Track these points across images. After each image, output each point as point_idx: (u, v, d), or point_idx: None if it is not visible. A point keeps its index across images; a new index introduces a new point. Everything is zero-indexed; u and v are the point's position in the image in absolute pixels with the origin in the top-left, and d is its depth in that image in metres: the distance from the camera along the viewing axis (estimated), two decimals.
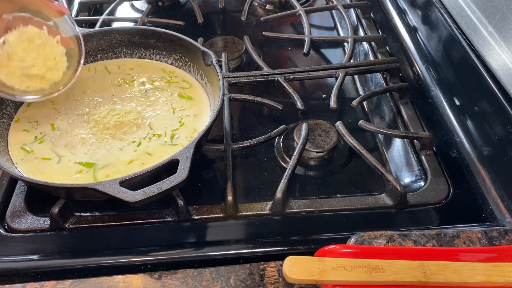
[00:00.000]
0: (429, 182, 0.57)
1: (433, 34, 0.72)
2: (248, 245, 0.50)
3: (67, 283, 0.45)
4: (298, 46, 0.82)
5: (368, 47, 0.80)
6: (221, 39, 0.82)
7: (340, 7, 0.86)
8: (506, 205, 0.52)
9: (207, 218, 0.54)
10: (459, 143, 0.60)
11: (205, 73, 0.65)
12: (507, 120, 0.53)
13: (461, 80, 0.64)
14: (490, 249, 0.45)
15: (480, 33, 0.60)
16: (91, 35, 0.68)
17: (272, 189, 0.55)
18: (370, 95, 0.67)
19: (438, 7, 0.71)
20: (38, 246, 0.51)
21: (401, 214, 0.54)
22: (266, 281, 0.45)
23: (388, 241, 0.46)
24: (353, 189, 0.59)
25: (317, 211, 0.54)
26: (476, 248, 0.46)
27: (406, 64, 0.76)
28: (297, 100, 0.66)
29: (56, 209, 0.51)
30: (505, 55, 0.54)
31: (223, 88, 0.58)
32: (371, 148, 0.65)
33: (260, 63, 0.73)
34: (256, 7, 0.96)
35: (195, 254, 0.50)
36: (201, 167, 0.61)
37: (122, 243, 0.51)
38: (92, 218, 0.54)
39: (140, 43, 0.70)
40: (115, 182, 0.46)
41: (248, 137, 0.62)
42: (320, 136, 0.62)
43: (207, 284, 0.45)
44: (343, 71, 0.70)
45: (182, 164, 0.48)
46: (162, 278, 0.45)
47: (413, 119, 0.66)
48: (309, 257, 0.41)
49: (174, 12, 0.94)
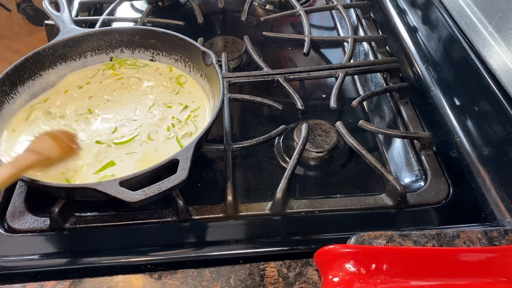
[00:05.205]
0: (429, 182, 0.57)
1: (433, 34, 0.72)
2: (248, 245, 0.50)
3: (67, 283, 0.45)
4: (298, 46, 0.82)
5: (368, 47, 0.80)
6: (221, 39, 0.82)
7: (340, 7, 0.86)
8: (506, 205, 0.52)
9: (207, 218, 0.54)
10: (459, 143, 0.60)
11: (205, 73, 0.65)
12: (507, 120, 0.53)
13: (461, 80, 0.64)
14: (490, 249, 0.45)
15: (480, 33, 0.60)
16: (91, 35, 0.68)
17: (272, 189, 0.55)
18: (370, 95, 0.67)
19: (438, 7, 0.71)
20: (38, 246, 0.51)
21: (401, 214, 0.54)
22: (266, 281, 0.45)
23: (388, 241, 0.46)
24: (353, 189, 0.59)
25: (317, 211, 0.54)
26: (476, 248, 0.46)
27: (406, 64, 0.76)
28: (297, 100, 0.66)
29: (56, 209, 0.51)
30: (505, 55, 0.54)
31: (223, 88, 0.58)
32: (371, 148, 0.65)
33: (260, 63, 0.73)
34: (256, 7, 0.96)
35: (195, 254, 0.50)
36: (201, 167, 0.61)
37: (122, 243, 0.51)
38: (92, 218, 0.54)
39: (140, 43, 0.70)
40: (115, 182, 0.46)
41: (248, 137, 0.62)
42: (320, 136, 0.62)
43: (207, 284, 0.45)
44: (343, 71, 0.70)
45: (182, 164, 0.48)
46: (162, 278, 0.45)
47: (413, 119, 0.66)
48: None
49: (174, 12, 0.94)
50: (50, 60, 0.66)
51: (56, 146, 0.56)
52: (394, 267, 0.41)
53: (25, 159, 0.51)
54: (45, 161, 0.54)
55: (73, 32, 0.68)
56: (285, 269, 0.46)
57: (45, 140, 0.56)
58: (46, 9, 0.75)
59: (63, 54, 0.67)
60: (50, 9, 0.74)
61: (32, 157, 0.52)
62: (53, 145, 0.55)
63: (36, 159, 0.52)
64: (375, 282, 0.41)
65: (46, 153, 0.54)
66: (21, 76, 0.63)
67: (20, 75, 0.63)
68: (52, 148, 0.55)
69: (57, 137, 0.57)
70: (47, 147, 0.55)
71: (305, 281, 0.45)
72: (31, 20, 2.22)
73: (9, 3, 2.30)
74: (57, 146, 0.56)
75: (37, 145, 0.55)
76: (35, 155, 0.53)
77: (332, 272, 0.42)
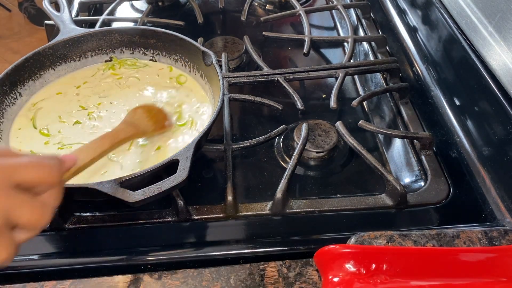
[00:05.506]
0: (429, 182, 0.57)
1: (433, 34, 0.72)
2: (248, 245, 0.50)
3: (67, 283, 0.45)
4: (298, 46, 0.82)
5: (368, 47, 0.80)
6: (221, 39, 0.82)
7: (340, 7, 0.86)
8: (506, 205, 0.52)
9: (207, 218, 0.54)
10: (459, 143, 0.60)
11: (205, 73, 0.65)
12: (507, 120, 0.53)
13: (461, 80, 0.64)
14: (490, 249, 0.45)
15: (480, 33, 0.60)
16: (91, 35, 0.68)
17: (272, 189, 0.55)
18: (370, 95, 0.67)
19: (438, 7, 0.70)
20: (38, 246, 0.51)
21: (401, 214, 0.54)
22: (266, 281, 0.45)
23: (388, 241, 0.46)
24: (353, 189, 0.59)
25: (317, 211, 0.54)
26: (476, 248, 0.46)
27: (406, 64, 0.76)
28: (297, 100, 0.66)
29: (56, 209, 0.51)
30: (505, 55, 0.54)
31: (223, 88, 0.58)
32: (371, 148, 0.65)
33: (260, 63, 0.73)
34: (256, 7, 0.96)
35: (195, 254, 0.50)
36: (201, 167, 0.61)
37: (122, 243, 0.51)
38: (92, 218, 0.54)
39: (140, 43, 0.70)
40: (115, 182, 0.46)
41: (248, 137, 0.62)
42: (320, 136, 0.62)
43: (207, 284, 0.45)
44: (343, 71, 0.70)
45: (182, 164, 0.48)
46: (162, 278, 0.45)
47: (413, 119, 0.66)
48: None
49: (174, 12, 0.94)
50: (50, 60, 0.66)
51: (151, 121, 0.55)
52: (394, 267, 0.41)
53: (122, 131, 0.51)
54: (140, 134, 0.54)
55: (73, 32, 0.68)
56: (285, 269, 0.46)
57: (142, 114, 0.55)
58: (46, 9, 0.75)
59: (63, 54, 0.67)
60: (50, 9, 0.74)
61: (129, 130, 0.52)
62: (149, 120, 0.55)
63: (132, 132, 0.52)
64: (375, 282, 0.41)
65: (142, 128, 0.54)
66: (21, 76, 0.63)
67: (20, 75, 0.63)
68: (147, 123, 0.55)
69: (154, 112, 0.56)
70: (144, 122, 0.54)
71: (305, 281, 0.45)
72: (33, 20, 2.22)
73: (10, 3, 2.30)
74: (152, 121, 0.55)
75: (135, 118, 0.54)
76: (132, 128, 0.52)
77: (332, 272, 0.42)
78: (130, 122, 0.54)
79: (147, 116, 0.56)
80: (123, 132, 0.51)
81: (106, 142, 0.48)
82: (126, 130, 0.52)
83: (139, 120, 0.54)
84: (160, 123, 0.57)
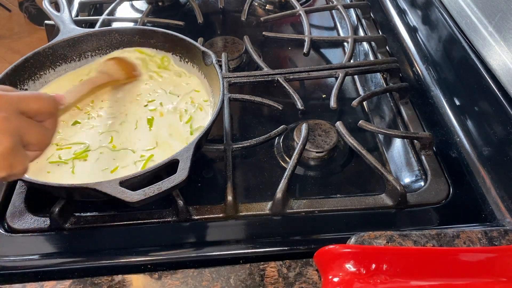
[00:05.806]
0: (429, 182, 0.57)
1: (433, 34, 0.72)
2: (248, 245, 0.50)
3: (67, 283, 0.45)
4: (298, 46, 0.82)
5: (368, 47, 0.80)
6: (221, 39, 0.82)
7: (340, 7, 0.86)
8: (506, 205, 0.52)
9: (207, 218, 0.54)
10: (459, 143, 0.60)
11: (205, 73, 0.65)
12: (507, 120, 0.53)
13: (461, 80, 0.64)
14: (490, 249, 0.45)
15: (480, 33, 0.60)
16: (91, 35, 0.68)
17: (272, 189, 0.55)
18: (370, 95, 0.67)
19: (438, 7, 0.71)
20: (38, 246, 0.51)
21: (401, 214, 0.54)
22: (266, 281, 0.45)
23: (388, 241, 0.46)
24: (353, 189, 0.59)
25: (317, 211, 0.54)
26: (476, 248, 0.46)
27: (406, 64, 0.76)
28: (297, 100, 0.66)
29: (56, 209, 0.51)
30: (505, 55, 0.54)
31: (223, 88, 0.58)
32: (371, 148, 0.65)
33: (260, 63, 0.73)
34: (256, 7, 0.96)
35: (195, 254, 0.50)
36: (201, 167, 0.61)
37: (122, 243, 0.51)
38: (92, 218, 0.54)
39: (140, 43, 0.70)
40: (115, 182, 0.46)
41: (248, 137, 0.62)
42: (320, 136, 0.62)
43: (207, 284, 0.45)
44: (343, 71, 0.70)
45: (182, 164, 0.48)
46: (162, 278, 0.45)
47: (413, 119, 0.66)
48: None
49: (174, 12, 0.94)
50: (50, 60, 0.66)
51: (122, 71, 0.65)
52: (394, 267, 0.41)
53: (98, 78, 0.61)
54: (113, 82, 0.64)
55: (73, 32, 0.68)
56: (285, 269, 0.46)
57: (113, 65, 0.65)
58: (46, 9, 0.75)
59: (63, 54, 0.67)
60: (50, 9, 0.74)
61: (104, 77, 0.62)
62: (120, 70, 0.65)
63: (107, 79, 0.62)
64: (375, 282, 0.41)
65: (116, 76, 0.64)
66: (21, 76, 0.63)
67: (20, 75, 0.62)
68: (119, 72, 0.64)
69: (123, 63, 0.66)
70: (115, 71, 0.64)
71: (305, 281, 0.45)
72: (33, 19, 2.22)
73: (10, 3, 2.30)
74: (123, 71, 0.65)
75: (107, 68, 0.64)
76: (107, 76, 0.62)
77: (332, 272, 0.42)
78: (104, 71, 0.63)
79: (118, 67, 0.65)
80: (99, 79, 0.61)
81: (86, 87, 0.58)
82: (102, 77, 0.62)
83: (112, 70, 0.64)
84: (130, 73, 0.66)
